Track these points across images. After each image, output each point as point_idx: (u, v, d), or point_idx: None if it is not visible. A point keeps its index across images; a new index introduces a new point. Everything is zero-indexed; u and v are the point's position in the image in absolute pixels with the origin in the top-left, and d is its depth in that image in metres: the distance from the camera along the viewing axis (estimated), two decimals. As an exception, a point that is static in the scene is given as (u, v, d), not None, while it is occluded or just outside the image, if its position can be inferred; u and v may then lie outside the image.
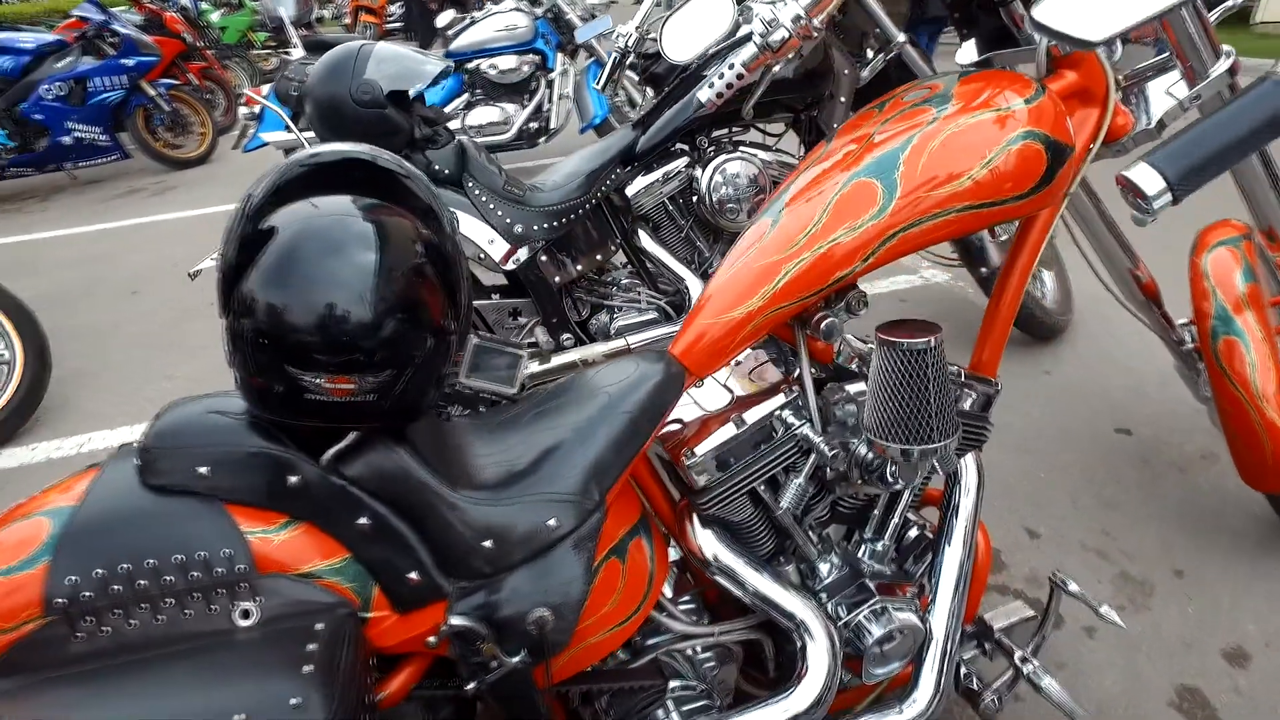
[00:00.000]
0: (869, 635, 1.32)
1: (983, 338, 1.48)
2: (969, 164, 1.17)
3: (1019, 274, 1.43)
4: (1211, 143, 0.96)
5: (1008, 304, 1.44)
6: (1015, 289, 1.44)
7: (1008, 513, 2.28)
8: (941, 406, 1.12)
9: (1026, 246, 1.41)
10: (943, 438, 1.14)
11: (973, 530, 1.44)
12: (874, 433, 1.16)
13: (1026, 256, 1.41)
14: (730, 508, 1.28)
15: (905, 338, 1.10)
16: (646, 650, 1.35)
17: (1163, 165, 1.01)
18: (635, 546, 1.24)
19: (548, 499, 1.14)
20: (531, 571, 1.13)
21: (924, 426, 1.12)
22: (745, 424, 1.26)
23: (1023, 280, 1.44)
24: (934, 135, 1.19)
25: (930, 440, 1.13)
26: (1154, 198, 1.03)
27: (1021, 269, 1.43)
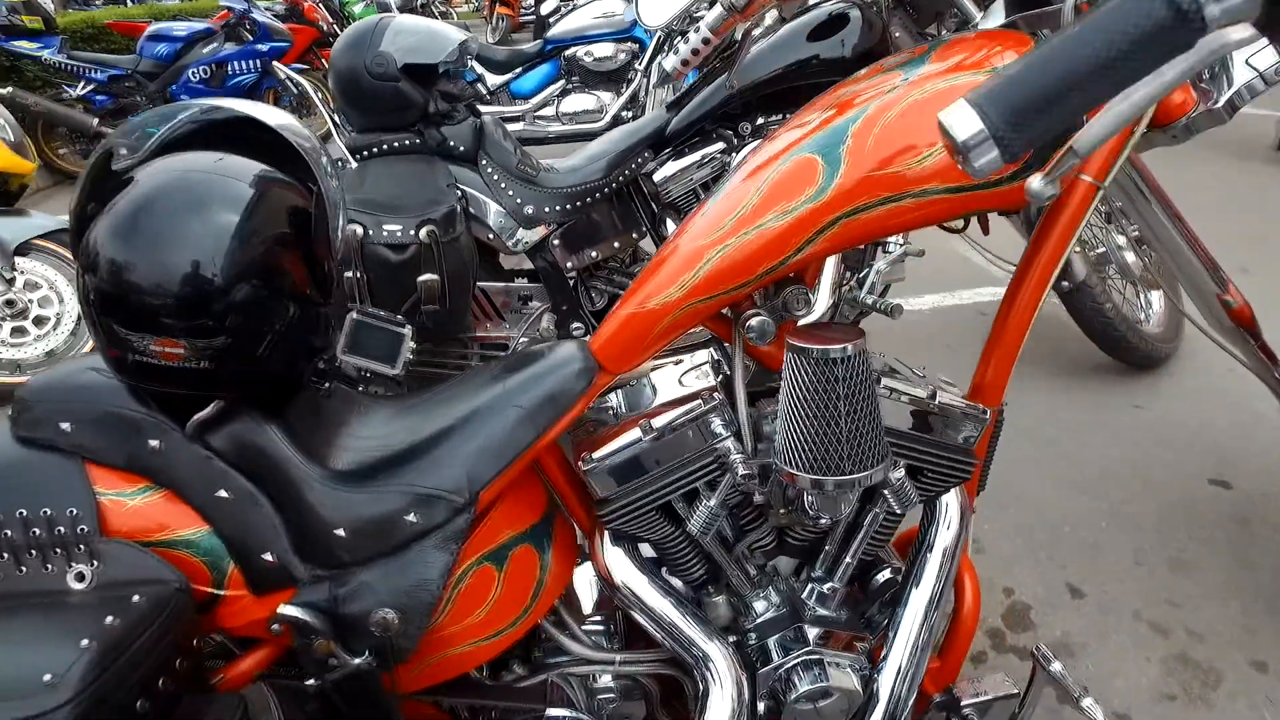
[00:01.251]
0: (792, 689, 1.14)
1: (985, 357, 1.24)
2: (930, 138, 0.96)
3: (1033, 283, 1.19)
4: (1056, 70, 0.64)
5: (1017, 318, 1.20)
6: (1028, 300, 1.20)
7: (1049, 561, 1.97)
8: (857, 430, 0.93)
9: (1045, 248, 1.16)
10: (860, 468, 0.94)
11: (947, 578, 1.22)
12: (781, 457, 0.98)
13: (1044, 261, 1.17)
14: (638, 524, 1.13)
15: (816, 343, 0.92)
16: (543, 669, 1.22)
17: (984, 103, 0.64)
18: (522, 554, 1.11)
19: (411, 491, 1.04)
20: (385, 568, 1.03)
21: (833, 453, 0.93)
22: (651, 430, 1.10)
23: (1038, 291, 1.19)
24: (892, 104, 0.99)
25: (842, 470, 0.93)
26: (971, 147, 0.65)
27: (1037, 277, 1.19)
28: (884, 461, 0.96)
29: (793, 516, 1.12)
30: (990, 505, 2.17)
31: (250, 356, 0.97)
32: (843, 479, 0.94)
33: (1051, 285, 2.60)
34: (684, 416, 1.11)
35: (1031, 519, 2.09)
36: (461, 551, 1.05)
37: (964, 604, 1.33)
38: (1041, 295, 1.20)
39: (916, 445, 1.15)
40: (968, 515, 1.26)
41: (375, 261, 1.92)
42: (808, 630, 1.19)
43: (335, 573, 1.03)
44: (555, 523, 1.19)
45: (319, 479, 1.04)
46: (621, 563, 1.15)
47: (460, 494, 1.04)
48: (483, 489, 1.06)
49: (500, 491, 1.09)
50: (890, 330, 3.13)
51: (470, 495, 1.05)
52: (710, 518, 1.08)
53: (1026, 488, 2.21)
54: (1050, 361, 2.85)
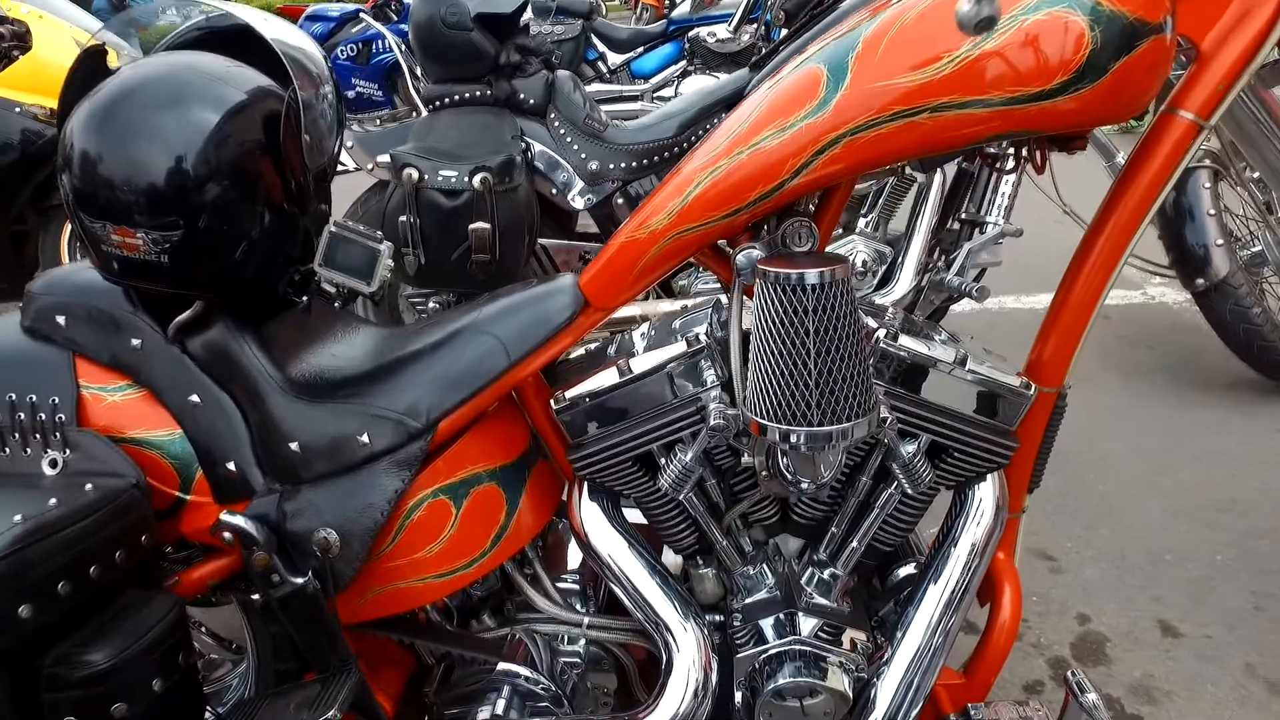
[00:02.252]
0: (769, 680, 1.01)
1: (1046, 330, 1.06)
2: (953, 42, 0.81)
3: (1110, 242, 1.00)
4: None
5: (1088, 284, 1.02)
6: (1102, 263, 1.01)
7: (1140, 592, 1.70)
8: (830, 373, 0.79)
9: (1128, 198, 0.97)
10: (832, 419, 0.80)
11: (971, 578, 1.05)
12: (749, 404, 0.85)
13: (1127, 215, 0.98)
14: (614, 476, 1.03)
15: (785, 267, 0.78)
16: (509, 623, 1.14)
17: None
18: (484, 494, 1.04)
19: (365, 411, 0.99)
20: (333, 488, 0.99)
21: (799, 399, 0.80)
22: (629, 372, 1.00)
23: (1115, 251, 1.00)
24: (913, 6, 0.84)
25: (810, 420, 0.80)
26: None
27: (1115, 235, 1.00)
28: (865, 416, 0.81)
29: (777, 483, 0.99)
30: (1075, 520, 1.91)
31: (219, 258, 0.97)
32: (814, 431, 0.81)
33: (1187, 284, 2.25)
34: (667, 360, 1.00)
35: (1126, 544, 1.82)
36: (415, 481, 1.00)
37: (1000, 615, 1.15)
38: (1120, 258, 1.01)
39: (939, 418, 0.99)
40: (1004, 510, 1.08)
41: (428, 206, 1.91)
42: (801, 619, 1.06)
43: (289, 489, 1.00)
44: (534, 468, 1.11)
45: (281, 391, 1.01)
46: (595, 518, 1.06)
47: (416, 419, 0.99)
48: (442, 417, 1.00)
49: (465, 423, 1.03)
50: (992, 328, 2.85)
51: (427, 422, 0.99)
52: (683, 472, 0.97)
53: (1127, 510, 1.93)
54: (1176, 373, 2.49)
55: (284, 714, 0.98)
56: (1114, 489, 1.99)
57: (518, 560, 1.13)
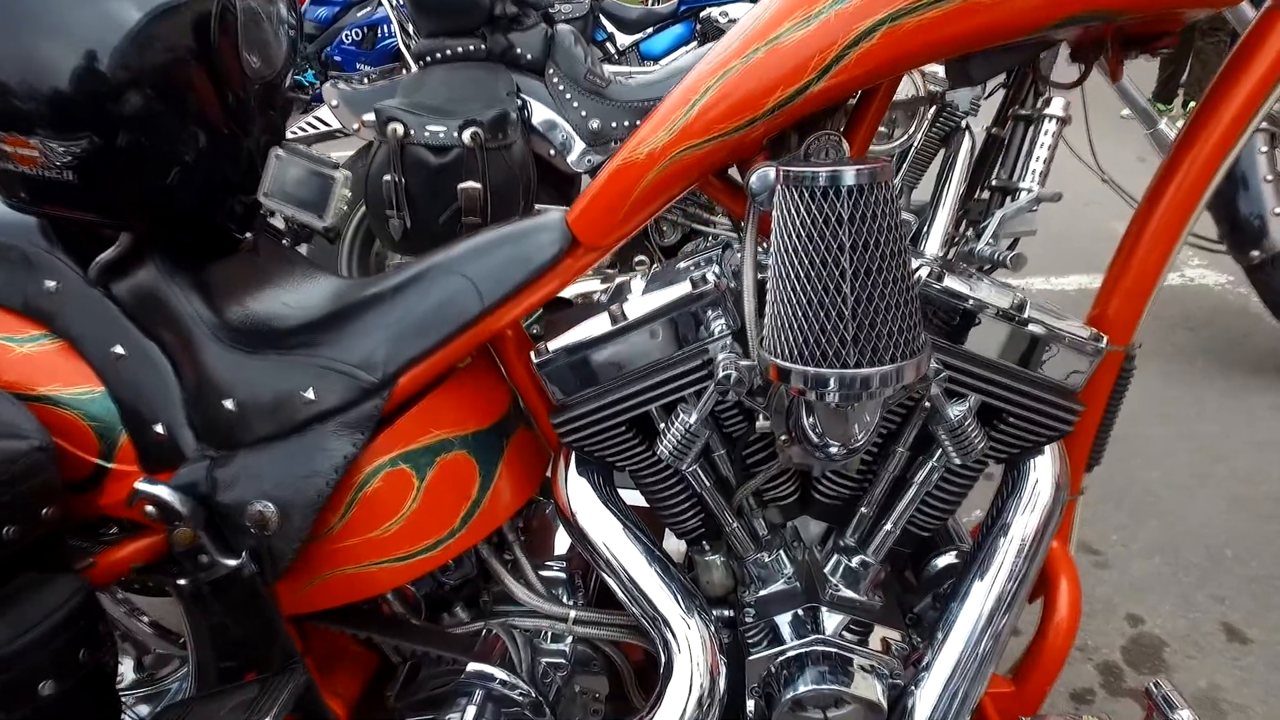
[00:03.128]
0: (787, 687, 0.85)
1: (1112, 278, 0.91)
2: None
3: (1196, 168, 0.84)
4: None
5: (1167, 222, 0.86)
6: (1185, 196, 0.85)
7: (1200, 592, 1.53)
8: (870, 298, 0.63)
9: (1223, 112, 0.81)
10: (873, 360, 0.64)
11: (1026, 570, 0.89)
12: (766, 342, 0.69)
13: (1219, 133, 0.82)
14: (605, 444, 0.87)
15: (815, 168, 0.62)
16: (484, 617, 0.99)
17: None
18: (453, 464, 0.89)
19: (313, 363, 0.84)
20: (272, 453, 0.84)
21: (831, 331, 0.63)
22: (623, 318, 0.84)
23: (1202, 179, 0.84)
24: None
25: (844, 360, 0.64)
26: None
27: (1204, 160, 0.83)
28: (914, 359, 0.65)
29: (799, 450, 0.83)
30: (1119, 510, 1.74)
31: (144, 183, 0.83)
32: (849, 375, 0.64)
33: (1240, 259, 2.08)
34: (670, 304, 0.84)
35: (1180, 537, 1.65)
36: (369, 446, 0.84)
37: (1056, 612, 0.99)
38: (1207, 187, 0.84)
39: (993, 375, 0.83)
40: (1064, 489, 0.91)
41: (414, 164, 1.76)
42: (824, 615, 0.90)
43: (224, 455, 0.85)
44: (513, 437, 0.96)
45: (217, 340, 0.86)
46: (583, 495, 0.90)
47: (371, 372, 0.83)
48: (401, 371, 0.84)
49: (431, 379, 0.87)
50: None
51: (383, 376, 0.84)
52: (686, 437, 0.81)
53: (1177, 500, 1.75)
54: (1222, 356, 2.31)
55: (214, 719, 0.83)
56: (1161, 478, 1.82)
57: (495, 544, 0.98)
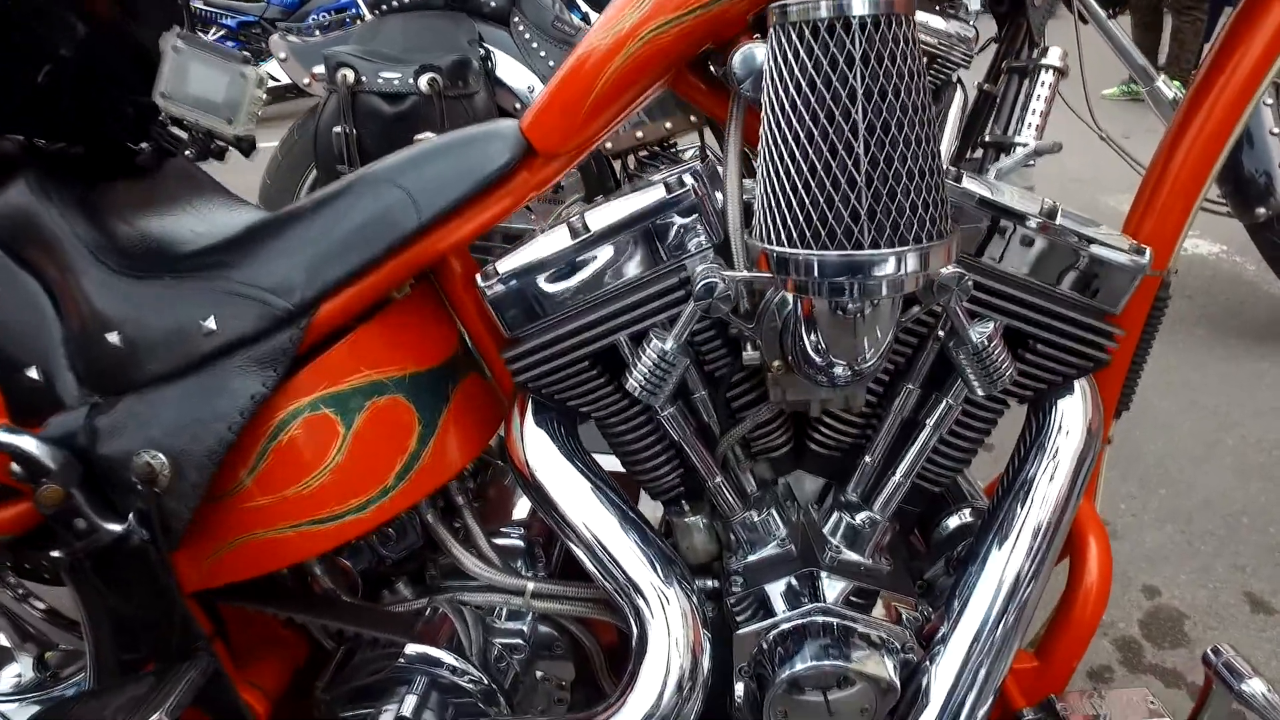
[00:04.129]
0: (783, 665, 0.72)
1: (1147, 187, 0.80)
2: None
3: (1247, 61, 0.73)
4: None
5: (1218, 120, 0.75)
6: (1229, 98, 0.74)
7: (1218, 560, 1.43)
8: (890, 160, 0.50)
9: None
10: (891, 239, 0.51)
11: (1055, 530, 0.77)
12: (757, 226, 0.56)
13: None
14: (564, 385, 0.74)
15: (817, 1, 0.50)
16: (428, 593, 0.85)
17: None
18: (387, 409, 0.75)
19: (214, 288, 0.70)
20: (164, 394, 0.70)
21: (843, 202, 0.50)
22: (585, 231, 0.71)
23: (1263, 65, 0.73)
24: None
25: (857, 238, 0.51)
26: None
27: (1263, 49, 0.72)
28: (941, 241, 0.52)
29: (794, 381, 0.71)
30: (1127, 480, 1.64)
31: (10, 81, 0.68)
32: (860, 257, 0.51)
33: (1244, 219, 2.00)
34: (638, 213, 0.71)
35: (1193, 506, 1.55)
36: (284, 386, 0.71)
37: (1084, 577, 0.87)
38: (1265, 76, 0.73)
39: (1020, 294, 0.71)
40: (1097, 435, 0.80)
41: (367, 113, 1.62)
42: (824, 582, 0.77)
43: (109, 400, 0.71)
44: (462, 382, 0.83)
45: (100, 263, 0.72)
46: (541, 446, 0.77)
47: (285, 297, 0.70)
48: (321, 296, 0.71)
49: (360, 309, 0.74)
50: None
51: (300, 302, 0.70)
52: (659, 368, 0.68)
53: (1187, 470, 1.65)
54: (1221, 325, 2.22)
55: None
56: (1168, 447, 1.71)
57: (441, 509, 0.85)
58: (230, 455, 0.69)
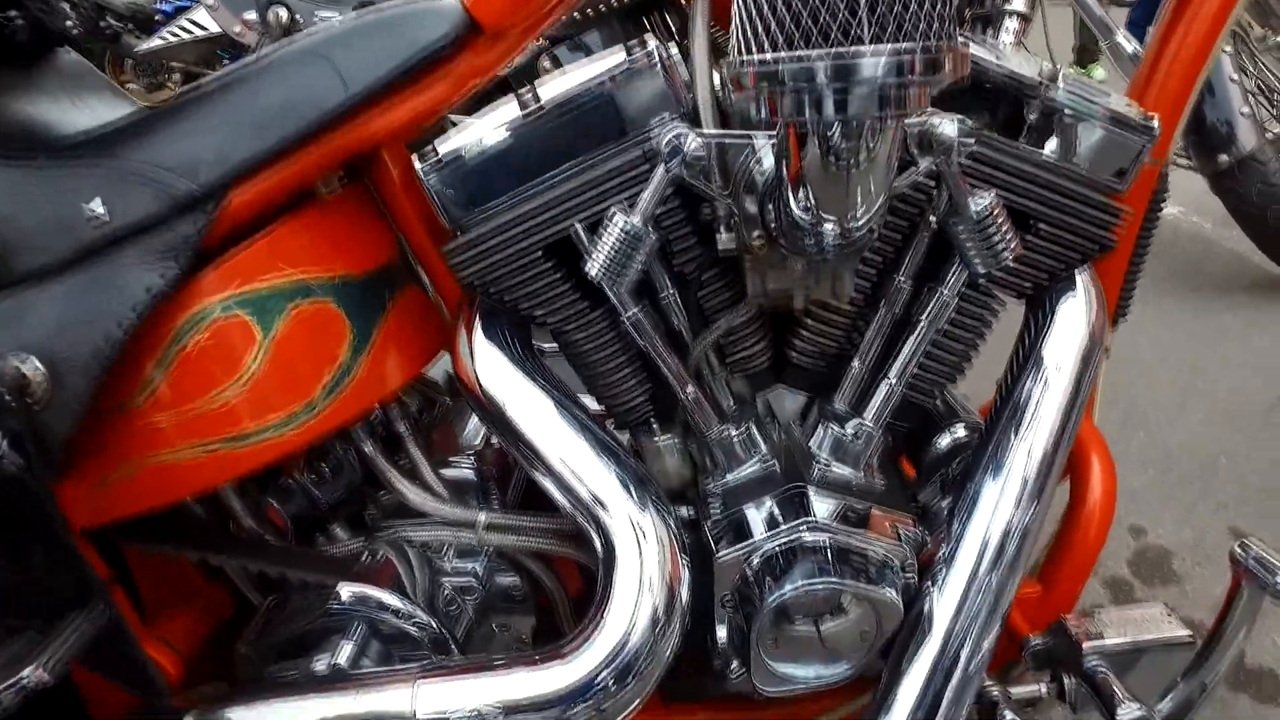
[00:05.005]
0: (770, 588, 0.64)
1: (1143, 76, 0.74)
2: None
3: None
4: None
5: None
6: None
7: (1201, 500, 1.40)
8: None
9: None
10: (894, 32, 0.43)
11: (1058, 443, 0.70)
12: (738, 39, 0.48)
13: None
14: (514, 281, 0.65)
15: None
16: (373, 532, 0.75)
17: None
18: (316, 313, 0.66)
19: (103, 168, 0.59)
20: (41, 293, 0.59)
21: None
22: (535, 103, 0.62)
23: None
24: None
25: (857, 37, 0.43)
26: None
27: None
28: (951, 44, 0.45)
29: (775, 265, 0.63)
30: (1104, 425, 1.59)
31: None
32: (863, 56, 0.43)
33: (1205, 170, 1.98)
34: (595, 79, 0.62)
35: (1171, 450, 1.52)
36: (189, 284, 0.61)
37: (1088, 495, 0.81)
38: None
39: (1022, 164, 0.64)
40: (1100, 338, 0.74)
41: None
42: (813, 499, 0.69)
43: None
44: (400, 294, 0.73)
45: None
46: (492, 359, 0.68)
47: (189, 178, 0.59)
48: (233, 178, 0.60)
49: (278, 198, 0.64)
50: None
51: (206, 184, 0.60)
52: (623, 244, 0.59)
53: (1164, 414, 1.63)
54: (1186, 279, 2.22)
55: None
56: (1144, 394, 1.69)
57: (381, 439, 0.75)
58: (124, 364, 0.59)
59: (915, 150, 0.57)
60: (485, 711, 0.58)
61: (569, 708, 0.61)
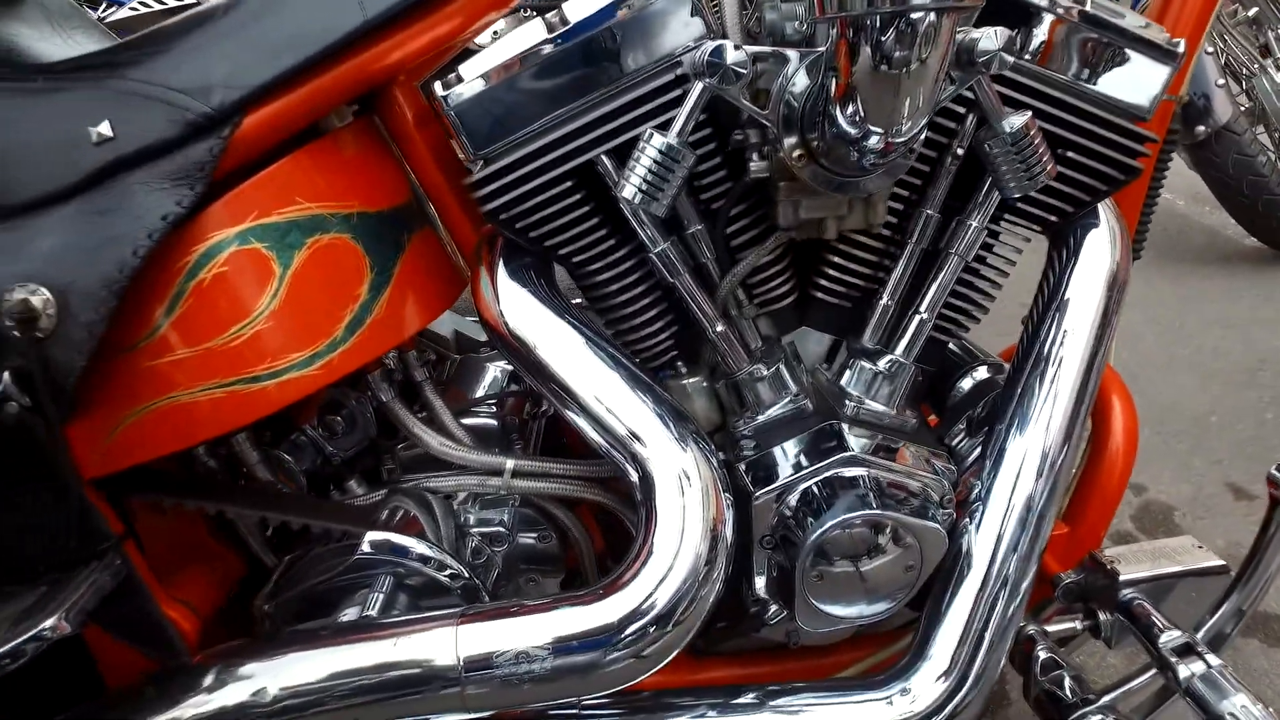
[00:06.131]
0: (811, 529, 0.63)
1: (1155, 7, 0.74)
2: None
3: None
4: None
5: None
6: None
7: (1195, 457, 1.43)
8: None
9: None
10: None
11: (1091, 375, 0.70)
12: None
13: None
14: (540, 213, 0.63)
15: None
16: (393, 484, 0.73)
17: None
18: (335, 248, 0.63)
19: (110, 88, 0.56)
20: (46, 220, 0.56)
21: None
22: (565, 24, 0.60)
23: None
24: None
25: None
26: None
27: None
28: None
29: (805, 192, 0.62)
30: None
31: None
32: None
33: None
34: (625, 2, 0.60)
35: (1163, 409, 1.54)
36: (204, 212, 0.58)
37: (1111, 433, 0.81)
38: None
39: (1047, 89, 0.64)
40: (1125, 274, 0.74)
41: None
42: (848, 434, 0.68)
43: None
44: (416, 234, 0.71)
45: None
46: (520, 299, 0.66)
47: (202, 99, 0.57)
48: (247, 101, 0.58)
49: (292, 124, 0.61)
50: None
51: (220, 105, 0.57)
52: (661, 164, 0.57)
53: (1153, 376, 1.66)
54: (1164, 251, 2.26)
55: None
56: (1132, 358, 1.71)
57: (398, 384, 0.72)
58: (138, 296, 0.56)
59: (953, 69, 0.56)
60: (532, 652, 0.56)
61: (610, 649, 0.59)
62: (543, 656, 0.56)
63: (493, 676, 0.56)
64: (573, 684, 0.57)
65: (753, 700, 0.66)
